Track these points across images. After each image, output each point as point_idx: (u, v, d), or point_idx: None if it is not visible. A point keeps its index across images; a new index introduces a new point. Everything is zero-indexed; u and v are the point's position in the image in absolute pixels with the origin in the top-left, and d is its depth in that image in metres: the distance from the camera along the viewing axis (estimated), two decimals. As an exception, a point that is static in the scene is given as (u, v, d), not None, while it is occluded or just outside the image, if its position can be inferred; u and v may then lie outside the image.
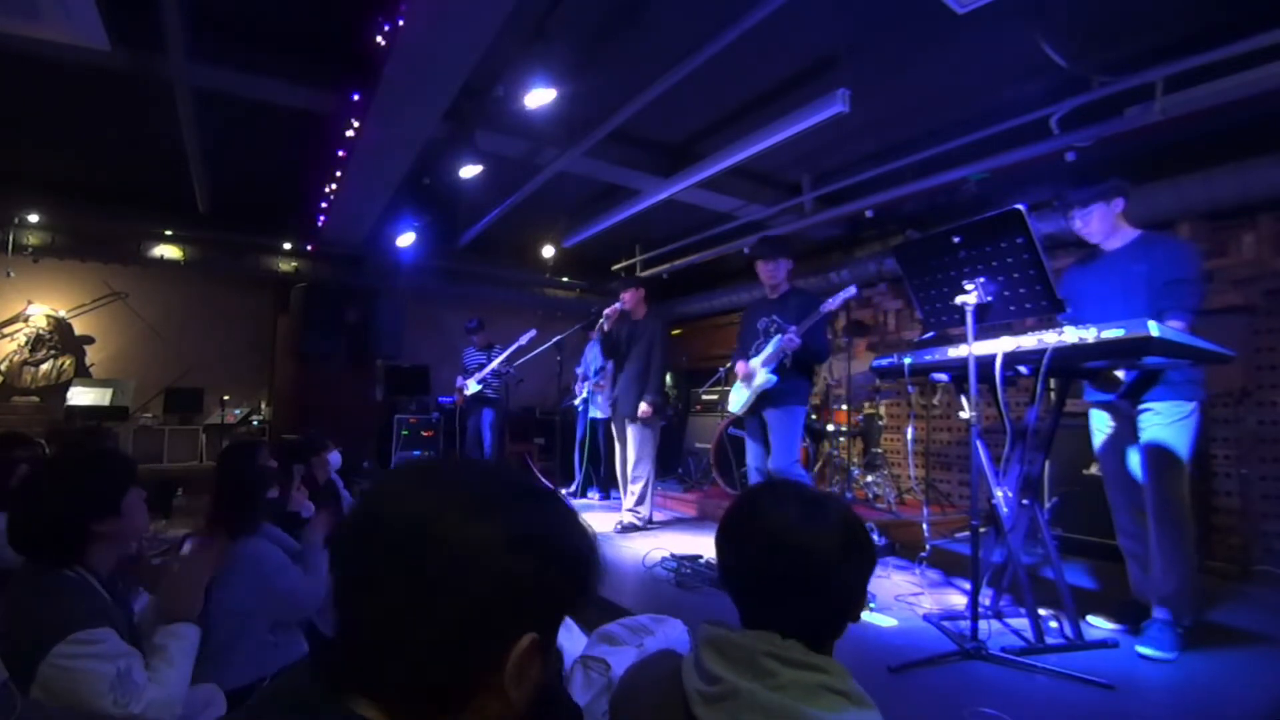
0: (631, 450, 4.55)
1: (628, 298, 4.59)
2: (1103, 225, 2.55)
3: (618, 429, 4.73)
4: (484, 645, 0.55)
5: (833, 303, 3.40)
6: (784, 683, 0.86)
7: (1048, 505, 3.68)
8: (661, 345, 4.50)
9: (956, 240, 2.37)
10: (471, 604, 0.54)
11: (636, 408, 4.46)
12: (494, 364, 5.93)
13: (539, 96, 3.48)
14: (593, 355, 5.77)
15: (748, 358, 3.67)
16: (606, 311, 4.55)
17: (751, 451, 3.74)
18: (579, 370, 5.89)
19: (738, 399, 3.73)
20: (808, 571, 0.94)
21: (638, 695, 1.02)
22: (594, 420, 5.80)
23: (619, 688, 1.07)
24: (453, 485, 0.60)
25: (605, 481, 5.91)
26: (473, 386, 5.99)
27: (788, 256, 3.68)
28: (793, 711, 0.83)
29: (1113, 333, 2.01)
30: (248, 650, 1.84)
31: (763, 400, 3.57)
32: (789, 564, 0.94)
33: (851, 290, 3.40)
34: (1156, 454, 2.36)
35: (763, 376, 3.52)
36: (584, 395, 5.75)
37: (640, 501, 4.53)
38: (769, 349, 3.54)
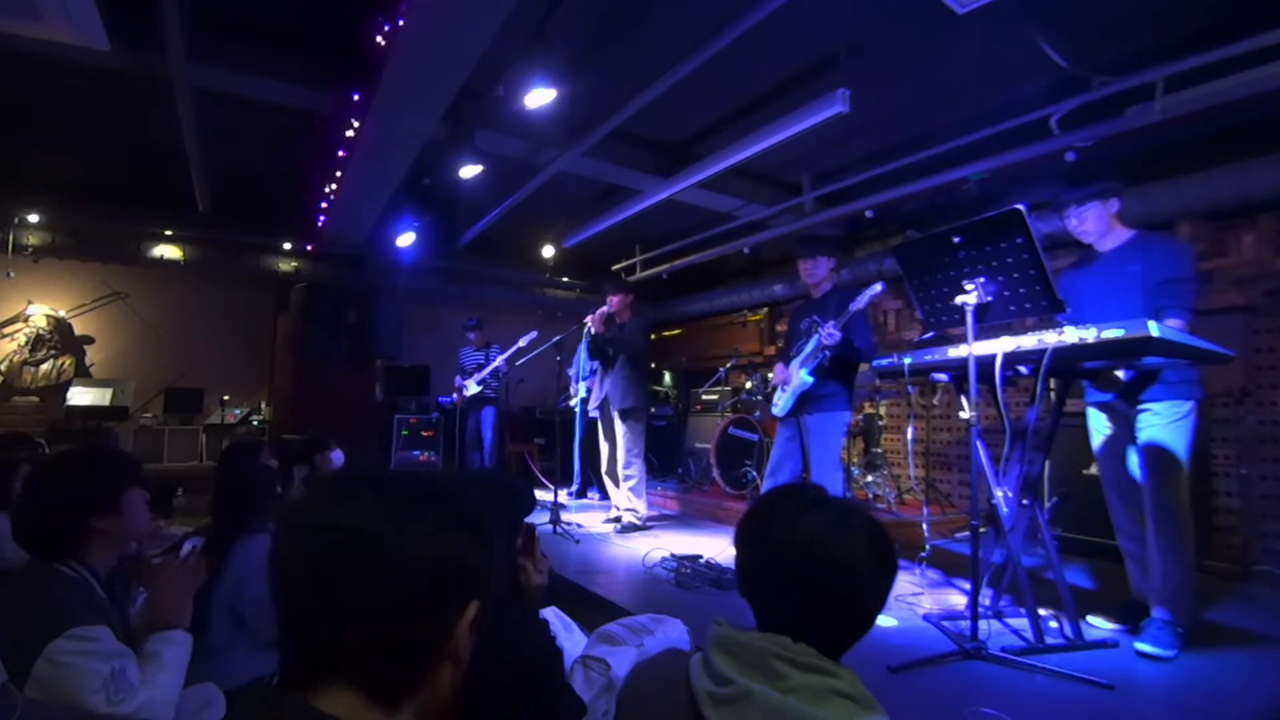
0: (621, 449, 4.55)
1: (615, 301, 4.62)
2: (1099, 225, 2.55)
3: (605, 426, 4.74)
4: (435, 621, 0.62)
5: (860, 301, 3.22)
6: (794, 686, 0.86)
7: (1048, 505, 3.68)
8: (641, 332, 4.58)
9: (956, 240, 2.37)
10: (413, 589, 0.61)
11: (624, 402, 4.47)
12: (494, 364, 5.94)
13: (539, 96, 3.48)
14: (585, 355, 5.75)
15: (789, 360, 3.51)
16: (592, 316, 4.57)
17: (775, 459, 3.54)
18: (571, 371, 5.87)
19: (777, 401, 3.56)
20: (839, 582, 0.93)
21: (644, 695, 1.01)
22: (592, 420, 5.78)
23: (624, 687, 1.06)
24: (378, 491, 0.66)
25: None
26: (472, 387, 6.00)
27: (828, 254, 3.53)
28: (803, 715, 0.83)
29: (1113, 333, 2.02)
30: (244, 651, 1.84)
31: (801, 404, 3.40)
32: (821, 573, 0.94)
33: (877, 288, 3.23)
34: (1155, 454, 2.36)
35: (800, 377, 3.35)
36: (581, 394, 5.72)
37: (636, 497, 4.54)
38: (808, 348, 3.38)
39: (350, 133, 4.05)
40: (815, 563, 0.93)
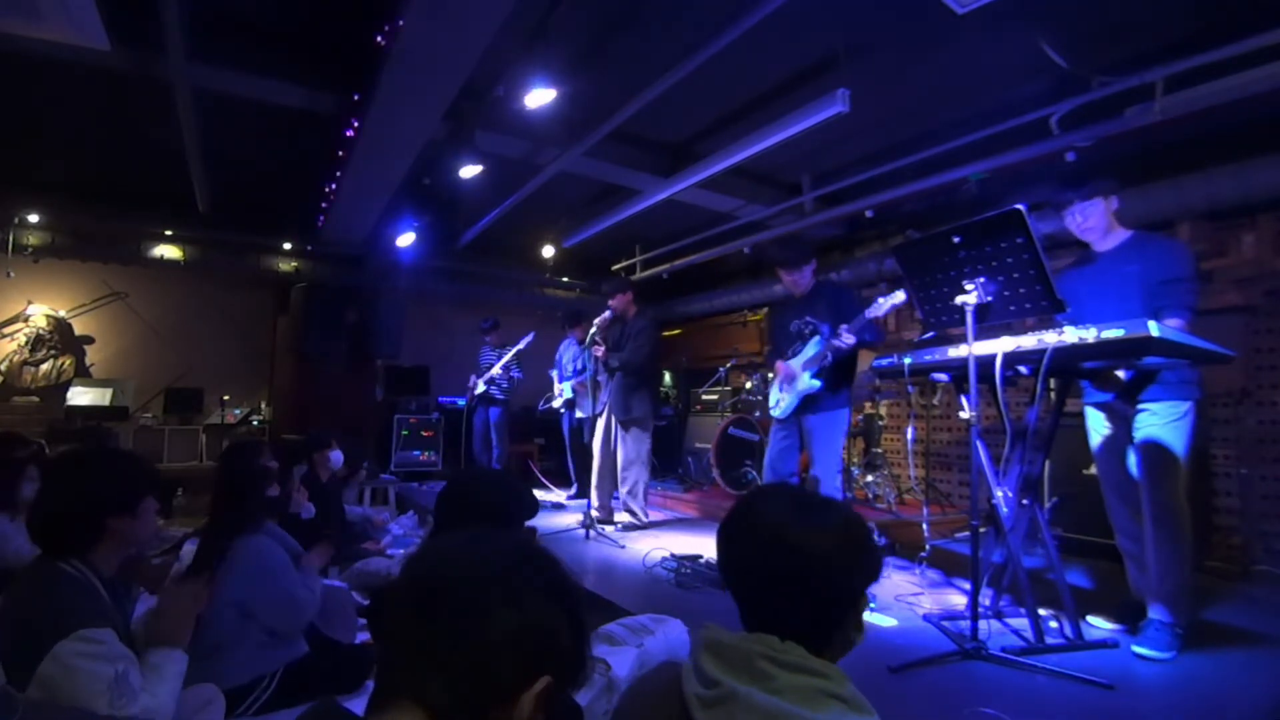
0: (621, 455, 4.53)
1: (616, 303, 4.55)
2: (1102, 221, 2.55)
3: (605, 427, 4.63)
4: (508, 676, 0.68)
5: (878, 310, 3.10)
6: (780, 687, 0.85)
7: (1048, 505, 3.68)
8: (648, 335, 4.47)
9: (956, 240, 2.37)
10: (505, 640, 0.68)
11: (629, 411, 4.45)
12: (498, 366, 5.99)
13: (539, 96, 3.48)
14: (569, 355, 5.72)
15: (785, 359, 3.47)
16: (598, 322, 4.45)
17: (773, 454, 3.53)
18: (553, 372, 5.84)
19: (777, 401, 3.50)
20: (800, 570, 0.94)
21: (640, 706, 1.01)
22: (579, 421, 5.60)
23: (622, 702, 1.06)
24: (488, 554, 0.75)
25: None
26: (480, 386, 6.05)
27: (809, 258, 3.50)
28: (790, 716, 0.82)
29: (1113, 333, 2.02)
30: (247, 649, 1.84)
31: (804, 406, 3.37)
32: (780, 562, 0.95)
33: (900, 298, 3.03)
34: (1152, 454, 2.36)
35: (805, 381, 3.30)
36: (566, 395, 5.66)
37: (635, 500, 4.53)
38: (809, 351, 3.33)
39: (350, 133, 4.04)
40: (780, 553, 0.95)
